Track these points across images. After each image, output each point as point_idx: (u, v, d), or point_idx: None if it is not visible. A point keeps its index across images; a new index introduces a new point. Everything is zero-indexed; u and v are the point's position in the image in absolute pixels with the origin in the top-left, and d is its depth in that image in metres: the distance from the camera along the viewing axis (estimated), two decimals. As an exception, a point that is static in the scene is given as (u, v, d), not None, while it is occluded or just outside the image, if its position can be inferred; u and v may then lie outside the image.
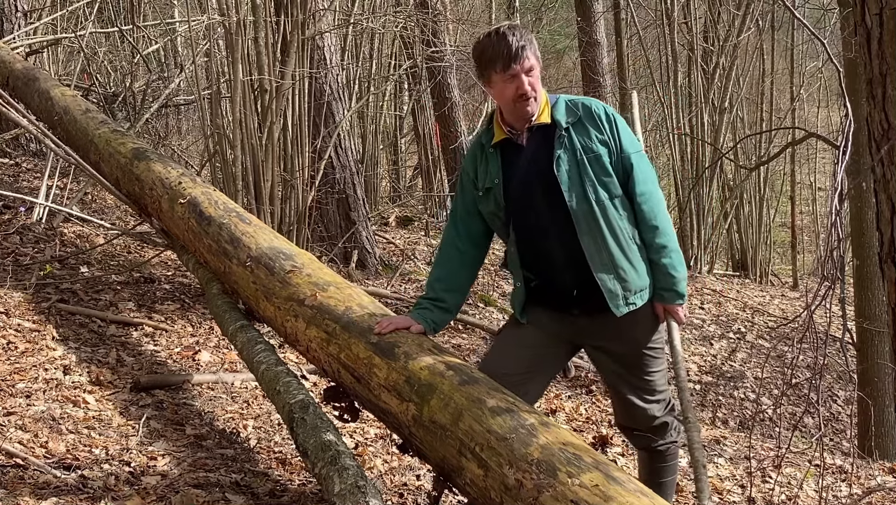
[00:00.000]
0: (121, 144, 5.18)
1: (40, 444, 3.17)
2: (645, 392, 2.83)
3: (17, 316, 4.45)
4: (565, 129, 2.68)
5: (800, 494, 3.91)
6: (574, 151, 2.67)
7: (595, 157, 2.67)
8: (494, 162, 2.75)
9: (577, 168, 2.66)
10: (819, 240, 14.39)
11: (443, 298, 2.86)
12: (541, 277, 2.76)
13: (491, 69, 2.64)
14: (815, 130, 10.16)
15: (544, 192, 2.68)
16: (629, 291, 2.71)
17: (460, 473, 2.36)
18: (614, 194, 2.69)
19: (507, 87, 2.64)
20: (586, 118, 2.70)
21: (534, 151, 2.71)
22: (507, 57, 2.60)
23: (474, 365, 2.75)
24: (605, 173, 2.67)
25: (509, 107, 2.68)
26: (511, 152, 2.74)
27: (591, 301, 2.71)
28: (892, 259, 2.38)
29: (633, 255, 2.72)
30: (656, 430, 2.89)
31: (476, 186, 2.80)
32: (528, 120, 2.70)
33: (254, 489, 3.08)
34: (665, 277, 2.77)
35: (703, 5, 11.60)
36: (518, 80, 2.62)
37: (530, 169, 2.71)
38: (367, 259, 6.98)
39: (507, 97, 2.65)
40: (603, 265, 2.67)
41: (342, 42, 8.40)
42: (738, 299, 9.74)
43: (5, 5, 8.24)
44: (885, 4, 2.25)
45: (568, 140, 2.68)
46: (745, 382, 7.12)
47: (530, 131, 2.72)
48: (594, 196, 2.65)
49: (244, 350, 3.55)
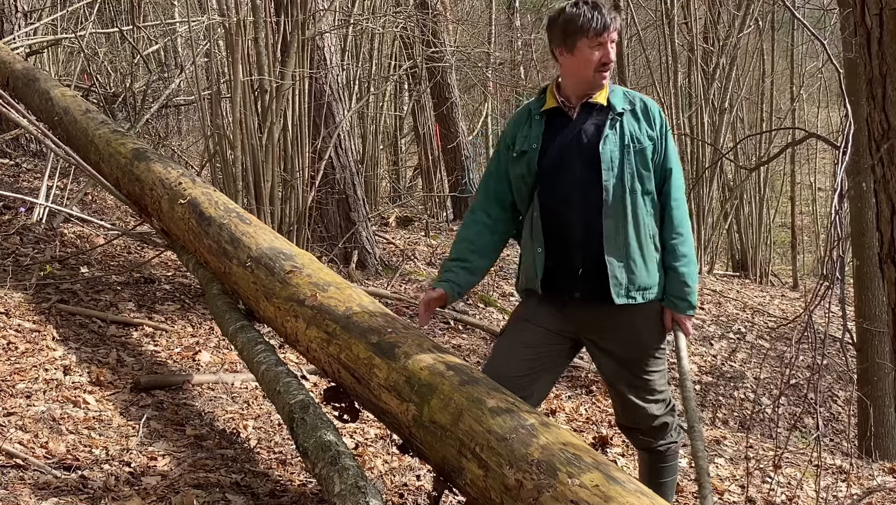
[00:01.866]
0: (121, 145, 5.18)
1: (40, 444, 3.17)
2: (644, 391, 2.83)
3: (17, 316, 4.46)
4: (619, 114, 2.74)
5: (800, 495, 3.91)
6: (622, 136, 2.73)
7: (640, 149, 2.73)
8: (538, 128, 2.80)
9: (621, 152, 2.71)
10: (819, 240, 14.39)
11: (468, 259, 2.87)
12: (551, 251, 2.77)
13: (581, 35, 2.69)
14: (816, 131, 10.16)
15: (581, 167, 2.72)
16: (633, 284, 2.73)
17: (460, 474, 2.36)
18: (647, 190, 2.74)
19: (592, 54, 2.69)
20: (641, 111, 2.77)
21: (581, 126, 2.76)
22: (601, 25, 2.67)
23: (475, 365, 2.75)
24: (645, 167, 2.73)
25: (587, 76, 2.72)
26: (557, 123, 2.79)
27: (594, 285, 2.73)
28: (892, 259, 2.37)
29: (648, 252, 2.75)
30: (656, 430, 2.89)
31: (512, 148, 2.83)
32: (588, 95, 2.75)
33: (254, 490, 3.08)
34: (680, 285, 2.79)
35: (703, 5, 11.60)
36: (605, 47, 2.70)
37: (573, 142, 2.75)
38: (368, 259, 6.98)
39: (591, 64, 2.70)
40: (616, 250, 2.71)
41: (342, 42, 8.40)
42: (738, 300, 9.74)
43: (5, 6, 8.24)
44: (885, 5, 2.25)
45: (620, 125, 2.74)
46: (745, 382, 7.12)
47: (583, 108, 2.77)
48: (630, 184, 2.71)
49: (244, 350, 3.55)
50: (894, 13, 2.24)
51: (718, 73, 11.01)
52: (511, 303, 6.94)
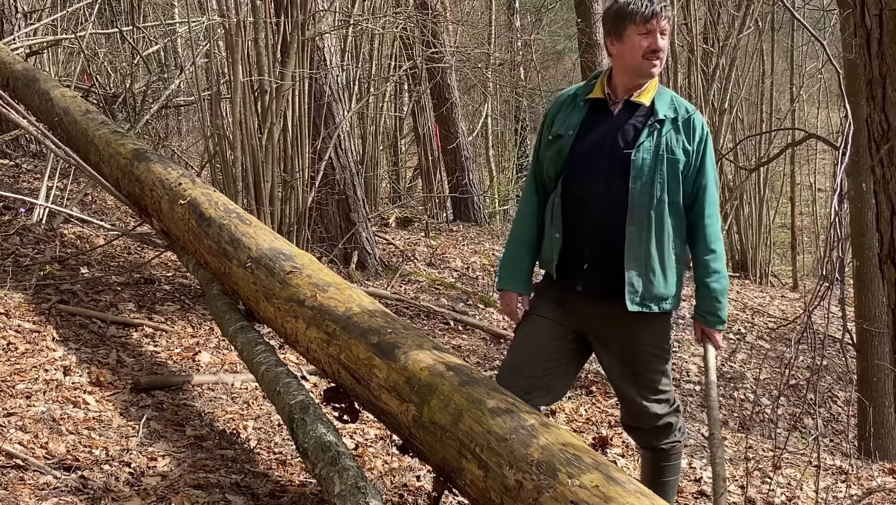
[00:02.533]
0: (121, 145, 5.18)
1: (40, 444, 3.17)
2: (648, 391, 2.83)
3: (17, 317, 4.45)
4: (659, 120, 2.72)
5: (799, 495, 3.91)
6: (658, 145, 2.70)
7: (673, 160, 2.71)
8: (579, 114, 2.79)
9: (654, 161, 2.69)
10: (819, 241, 14.39)
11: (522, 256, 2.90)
12: (567, 239, 2.78)
13: (630, 21, 2.68)
14: (815, 131, 10.16)
15: (610, 167, 2.71)
16: (648, 294, 2.72)
17: (460, 474, 2.36)
18: (673, 201, 2.72)
19: (641, 41, 2.68)
20: (683, 122, 2.74)
21: (620, 124, 2.74)
22: (649, 11, 2.67)
23: (475, 366, 2.76)
24: (676, 180, 2.71)
25: (635, 65, 2.70)
26: (598, 114, 2.78)
27: (596, 283, 2.74)
28: (891, 260, 2.38)
29: (668, 264, 2.74)
30: (660, 429, 2.90)
31: (550, 129, 2.83)
32: (636, 88, 2.73)
33: (254, 490, 3.08)
34: (711, 301, 2.80)
35: (703, 6, 11.60)
36: (654, 35, 2.68)
37: (607, 139, 2.73)
38: (367, 260, 6.98)
39: (639, 52, 2.68)
40: (636, 259, 2.70)
41: (342, 43, 8.40)
42: (738, 300, 9.74)
43: (5, 6, 8.24)
44: (885, 5, 2.25)
45: (657, 132, 2.71)
46: (745, 382, 7.12)
47: (627, 105, 2.75)
48: (658, 194, 2.69)
49: (244, 351, 3.55)
50: (894, 14, 2.24)
51: (718, 73, 11.01)
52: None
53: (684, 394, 6.70)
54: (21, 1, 8.46)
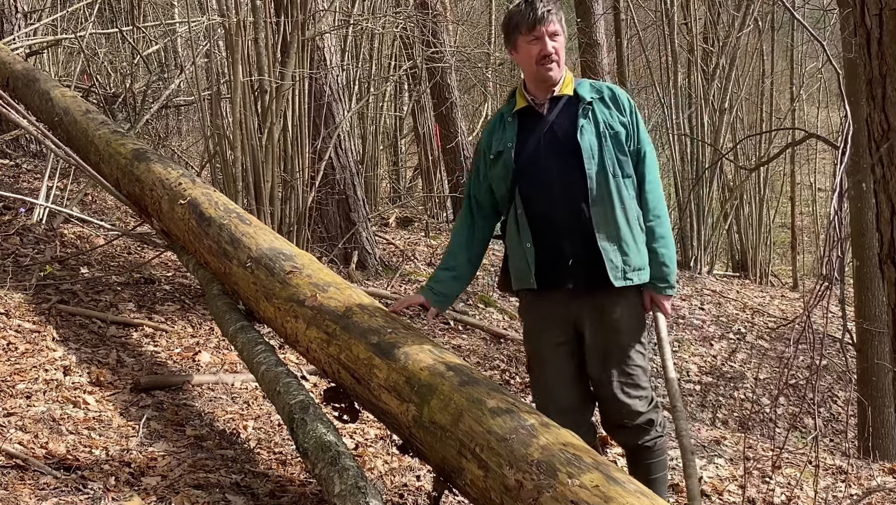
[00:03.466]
0: (121, 145, 5.18)
1: (40, 444, 3.17)
2: (629, 386, 2.85)
3: (17, 317, 4.46)
4: (589, 103, 2.81)
5: (799, 495, 3.91)
6: (597, 124, 2.80)
7: (615, 134, 2.81)
8: (511, 129, 2.87)
9: (598, 140, 2.79)
10: (819, 240, 14.39)
11: (454, 267, 3.00)
12: (540, 245, 2.84)
13: (517, 33, 2.79)
14: (815, 131, 10.16)
15: (560, 157, 2.79)
16: (629, 266, 2.80)
17: (460, 474, 2.36)
18: (627, 173, 2.82)
19: (531, 49, 2.78)
20: (609, 99, 2.85)
21: (554, 120, 2.83)
22: (532, 19, 2.75)
23: (475, 366, 2.76)
24: (622, 152, 2.81)
25: (532, 71, 2.81)
26: (530, 121, 2.86)
27: (585, 274, 2.80)
28: (891, 260, 2.38)
29: (637, 234, 2.83)
30: (641, 427, 2.90)
31: (489, 152, 2.90)
32: (551, 88, 2.82)
33: (254, 490, 3.08)
34: (659, 266, 2.88)
35: (703, 6, 11.60)
36: (542, 41, 2.77)
37: (548, 135, 2.82)
38: (368, 260, 6.98)
39: (531, 59, 2.78)
40: (609, 236, 2.77)
41: (342, 43, 8.39)
42: (738, 300, 9.74)
43: (5, 6, 8.23)
44: (885, 5, 2.25)
45: (592, 113, 2.81)
46: (746, 382, 7.12)
47: (552, 102, 2.84)
48: (612, 169, 2.78)
49: (244, 351, 3.55)
50: (894, 14, 2.24)
51: (718, 73, 11.01)
52: (511, 303, 6.94)
53: (684, 393, 6.70)
54: (21, 1, 8.46)
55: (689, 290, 9.66)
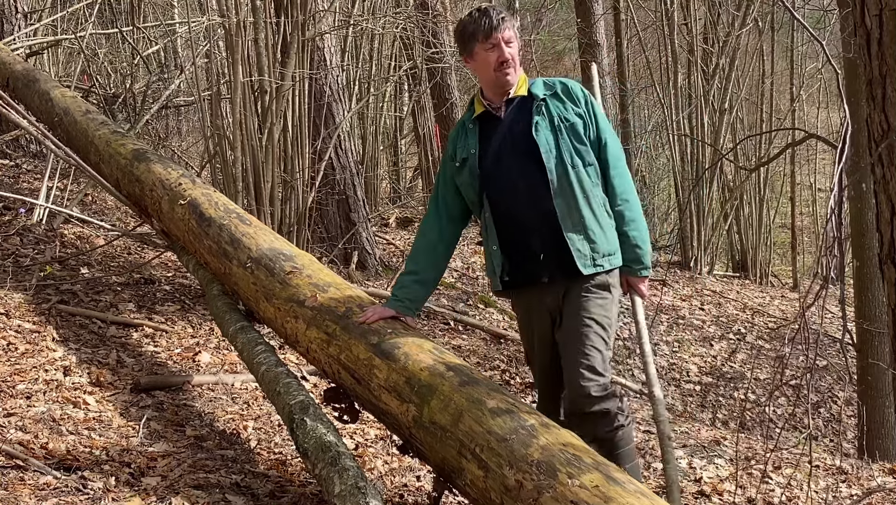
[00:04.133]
0: (121, 146, 5.18)
1: (40, 445, 3.17)
2: (584, 368, 2.79)
3: (17, 317, 4.46)
4: (542, 100, 2.90)
5: (800, 495, 3.91)
6: (551, 119, 2.88)
7: (571, 125, 2.88)
8: (473, 135, 2.96)
9: (554, 134, 2.86)
10: (819, 241, 14.39)
11: (417, 271, 3.03)
12: (512, 243, 2.91)
13: (474, 41, 2.87)
14: (815, 131, 10.16)
15: (520, 156, 2.87)
16: (597, 252, 2.86)
17: (460, 475, 2.36)
18: (588, 162, 2.88)
19: (489, 56, 2.86)
20: (563, 93, 2.93)
21: (511, 121, 2.91)
22: (488, 27, 2.84)
23: (475, 366, 2.76)
24: (581, 142, 2.88)
25: (490, 78, 2.89)
26: (489, 125, 2.95)
27: (557, 265, 2.85)
28: (891, 260, 2.38)
29: (604, 220, 2.89)
30: (597, 416, 2.83)
31: (454, 160, 2.99)
32: (507, 92, 2.91)
33: (254, 490, 3.08)
34: (632, 248, 2.94)
35: (703, 6, 11.60)
36: (499, 48, 2.85)
37: (508, 137, 2.90)
38: (368, 260, 6.98)
39: (489, 66, 2.87)
40: (574, 226, 2.84)
41: (342, 43, 8.40)
42: (738, 300, 9.74)
43: (5, 6, 8.24)
44: (885, 6, 2.25)
45: (546, 109, 2.89)
46: (745, 383, 7.12)
47: (508, 104, 2.92)
48: (570, 161, 2.85)
49: (244, 351, 3.55)
50: (894, 14, 2.24)
51: (718, 73, 11.02)
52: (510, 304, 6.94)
53: (684, 394, 6.71)
54: (21, 1, 8.46)
55: (689, 290, 9.66)
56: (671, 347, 7.53)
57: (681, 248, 11.08)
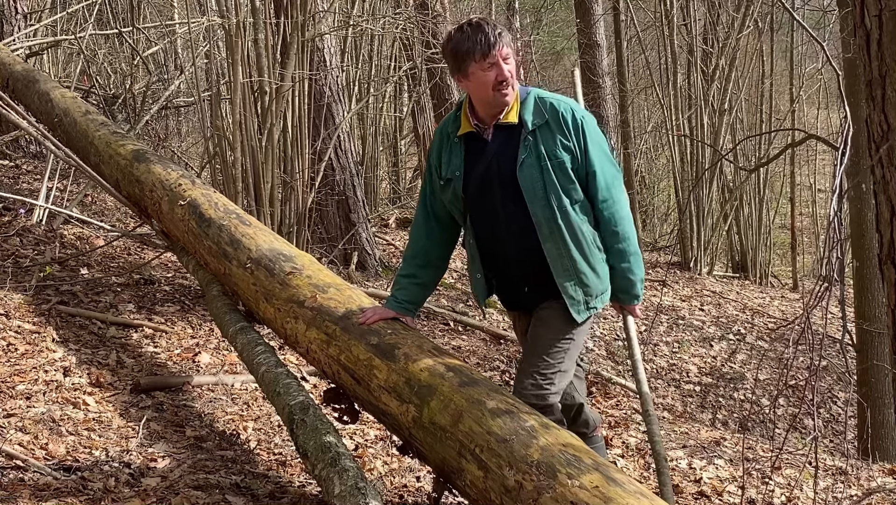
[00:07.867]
0: (121, 146, 5.18)
1: (40, 445, 3.17)
2: (539, 376, 2.72)
3: (17, 318, 4.46)
4: (531, 133, 2.70)
5: (799, 496, 3.91)
6: (538, 156, 2.69)
7: (558, 163, 2.69)
8: (458, 153, 2.79)
9: (540, 173, 2.68)
10: (819, 241, 14.39)
11: (416, 274, 2.93)
12: (497, 273, 2.86)
13: (469, 60, 2.66)
14: (815, 132, 10.17)
15: (505, 192, 2.73)
16: (590, 295, 2.77)
17: (460, 475, 2.36)
18: (576, 200, 2.72)
19: (487, 76, 2.66)
20: (553, 121, 2.71)
21: (497, 149, 2.74)
22: (485, 45, 2.63)
23: (475, 367, 2.76)
24: (569, 180, 2.70)
25: (487, 97, 2.69)
26: (475, 146, 2.77)
27: (544, 297, 2.78)
28: (891, 261, 2.38)
29: (595, 259, 2.77)
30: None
31: (439, 174, 2.84)
32: (499, 114, 2.72)
33: (254, 491, 3.08)
34: (623, 280, 2.84)
35: (703, 7, 11.61)
36: (497, 66, 2.65)
37: (492, 167, 2.74)
38: (367, 261, 6.98)
39: (487, 86, 2.66)
40: (565, 271, 2.72)
41: (342, 44, 8.39)
42: (738, 301, 9.74)
43: (5, 7, 8.24)
44: (885, 6, 2.25)
45: (533, 144, 2.70)
46: (745, 383, 7.12)
47: (496, 129, 2.74)
48: (556, 202, 2.68)
49: (244, 352, 3.55)
50: (894, 14, 2.24)
51: (718, 74, 11.02)
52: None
53: (684, 394, 6.71)
54: (21, 2, 8.46)
55: (689, 290, 9.67)
56: (671, 347, 7.54)
57: (681, 248, 11.08)
